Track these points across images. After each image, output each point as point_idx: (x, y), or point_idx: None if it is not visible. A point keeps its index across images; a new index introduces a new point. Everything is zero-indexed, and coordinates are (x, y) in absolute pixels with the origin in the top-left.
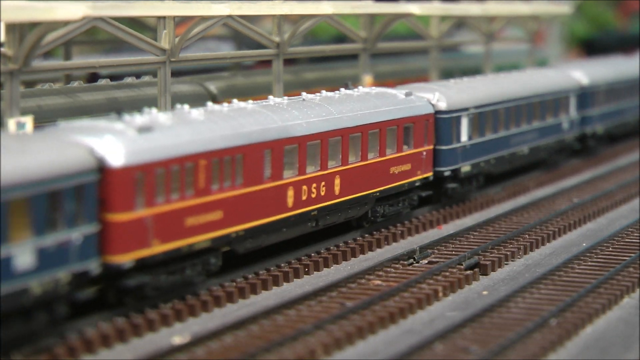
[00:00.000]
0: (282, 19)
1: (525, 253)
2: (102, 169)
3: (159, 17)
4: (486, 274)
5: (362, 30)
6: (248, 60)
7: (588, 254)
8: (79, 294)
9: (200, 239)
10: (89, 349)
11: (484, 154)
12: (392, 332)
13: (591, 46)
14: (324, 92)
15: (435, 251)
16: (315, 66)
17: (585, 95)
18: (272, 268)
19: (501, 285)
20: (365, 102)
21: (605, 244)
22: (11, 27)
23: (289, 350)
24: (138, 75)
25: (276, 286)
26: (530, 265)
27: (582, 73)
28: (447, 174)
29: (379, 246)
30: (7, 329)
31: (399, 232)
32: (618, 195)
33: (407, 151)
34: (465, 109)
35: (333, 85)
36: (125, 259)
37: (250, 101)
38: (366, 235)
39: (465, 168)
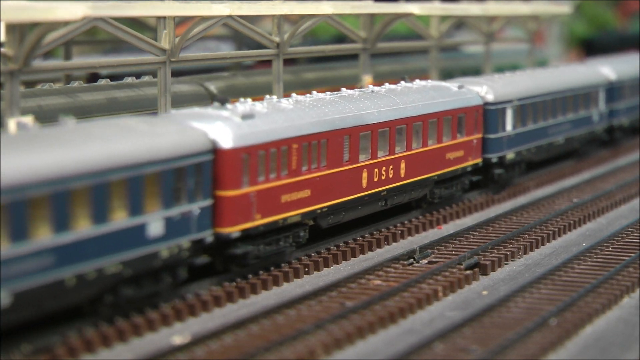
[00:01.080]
0: (282, 19)
1: (525, 253)
2: (214, 150)
3: (159, 17)
4: (486, 274)
5: (362, 30)
6: (248, 60)
7: (588, 254)
8: (196, 259)
9: (293, 214)
10: (89, 349)
11: (525, 143)
12: (392, 332)
13: (591, 46)
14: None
15: (435, 251)
16: (315, 66)
17: (613, 90)
18: (272, 268)
19: (501, 285)
20: (424, 94)
21: (605, 244)
22: (11, 27)
23: (289, 350)
24: (138, 75)
25: (276, 286)
26: (530, 265)
27: (609, 69)
28: (494, 160)
29: (379, 246)
30: (139, 288)
31: (399, 232)
32: (618, 195)
33: (460, 139)
34: (510, 101)
35: (333, 85)
36: (233, 230)
37: (328, 93)
38: (366, 235)
39: (510, 155)
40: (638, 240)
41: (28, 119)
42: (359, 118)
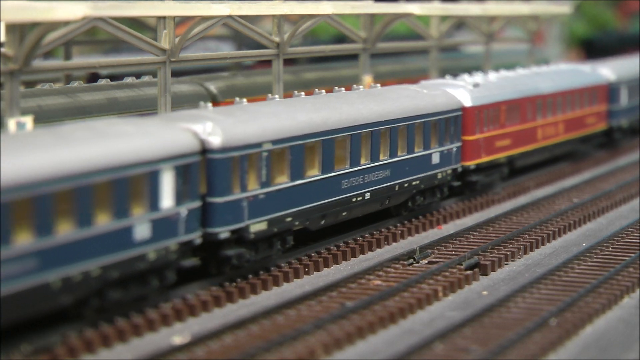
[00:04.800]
0: (282, 19)
1: (525, 253)
2: (461, 108)
3: (159, 17)
4: (486, 274)
5: (362, 30)
6: (248, 60)
7: (588, 254)
8: (453, 183)
9: (501, 156)
10: (89, 349)
11: (633, 114)
12: (392, 332)
13: (591, 46)
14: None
15: (435, 251)
16: (315, 66)
17: None
18: (272, 268)
19: (501, 285)
20: (570, 73)
21: (605, 244)
22: (11, 27)
23: (289, 350)
24: (138, 75)
25: (276, 286)
26: (530, 265)
27: None
28: (615, 126)
29: (379, 246)
30: (423, 198)
31: (399, 232)
32: (618, 195)
33: (594, 109)
34: (624, 82)
35: (333, 85)
36: (471, 164)
37: (512, 71)
38: (366, 235)
39: (625, 123)
40: (638, 240)
41: (27, 119)
42: (536, 90)
